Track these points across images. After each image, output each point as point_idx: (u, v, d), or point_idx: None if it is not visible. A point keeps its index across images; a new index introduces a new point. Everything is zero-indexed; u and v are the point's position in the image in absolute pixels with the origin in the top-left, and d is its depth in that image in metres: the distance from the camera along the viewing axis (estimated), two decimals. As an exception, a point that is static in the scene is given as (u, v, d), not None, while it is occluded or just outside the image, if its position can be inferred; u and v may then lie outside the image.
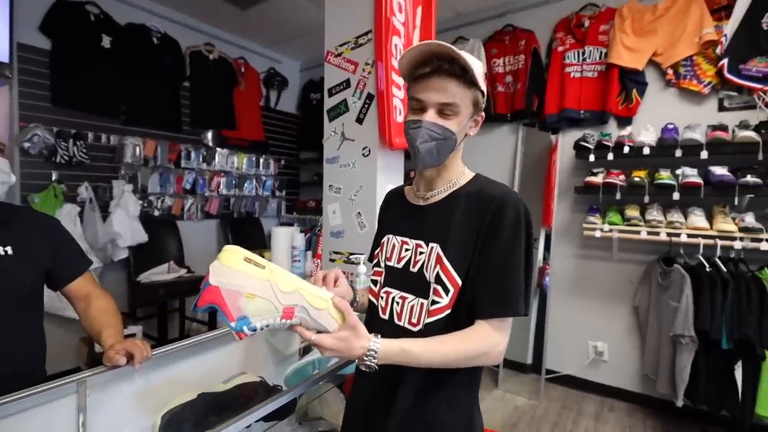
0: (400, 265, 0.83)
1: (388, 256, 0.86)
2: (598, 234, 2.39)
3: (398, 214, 0.90)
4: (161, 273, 2.91)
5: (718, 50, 2.23)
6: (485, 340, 0.71)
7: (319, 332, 0.68)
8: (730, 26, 2.20)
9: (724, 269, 2.04)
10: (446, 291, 0.74)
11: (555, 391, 2.73)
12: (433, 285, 0.76)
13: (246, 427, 1.07)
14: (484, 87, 0.76)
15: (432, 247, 0.77)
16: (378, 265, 0.89)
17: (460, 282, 0.74)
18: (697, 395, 2.07)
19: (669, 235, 2.19)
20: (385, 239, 0.89)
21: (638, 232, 2.27)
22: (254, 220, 3.95)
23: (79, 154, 2.69)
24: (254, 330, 0.66)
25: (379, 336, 0.68)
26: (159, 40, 3.14)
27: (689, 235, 2.14)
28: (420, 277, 0.78)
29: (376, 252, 0.92)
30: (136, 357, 0.95)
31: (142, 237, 2.88)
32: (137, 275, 2.85)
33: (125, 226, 2.78)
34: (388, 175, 1.57)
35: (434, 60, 0.73)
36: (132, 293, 2.90)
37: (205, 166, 3.46)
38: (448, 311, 0.74)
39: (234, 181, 3.73)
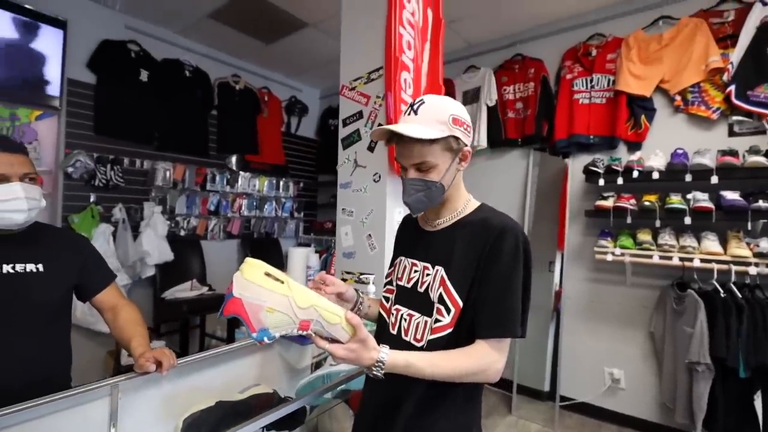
0: (410, 285, 0.90)
1: (399, 276, 0.94)
2: (609, 258, 2.41)
3: (410, 238, 0.99)
4: (184, 290, 3.07)
5: (725, 77, 2.27)
6: (484, 359, 0.77)
7: (333, 341, 0.74)
8: (737, 54, 2.25)
9: (739, 295, 2.02)
10: (448, 311, 0.81)
11: (570, 420, 2.68)
12: (436, 305, 0.83)
13: (259, 435, 1.15)
14: (456, 130, 0.82)
15: (437, 270, 0.85)
16: (390, 283, 0.97)
17: (461, 303, 0.81)
18: (716, 426, 2.01)
19: (682, 259, 2.19)
20: (398, 260, 0.98)
21: (650, 256, 2.28)
22: (273, 240, 4.10)
23: (115, 178, 2.91)
24: (273, 339, 0.74)
25: (387, 347, 0.74)
26: (191, 73, 3.40)
27: (702, 260, 2.13)
28: (426, 297, 0.86)
29: (390, 271, 1.01)
30: (164, 365, 1.04)
31: (169, 255, 3.05)
32: (162, 292, 3.01)
33: (153, 245, 2.96)
34: (397, 199, 1.67)
35: (391, 135, 0.84)
36: (157, 309, 3.05)
37: (228, 189, 3.66)
38: (450, 329, 0.81)
39: (255, 203, 3.91)
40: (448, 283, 0.82)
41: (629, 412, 2.55)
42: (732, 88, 2.24)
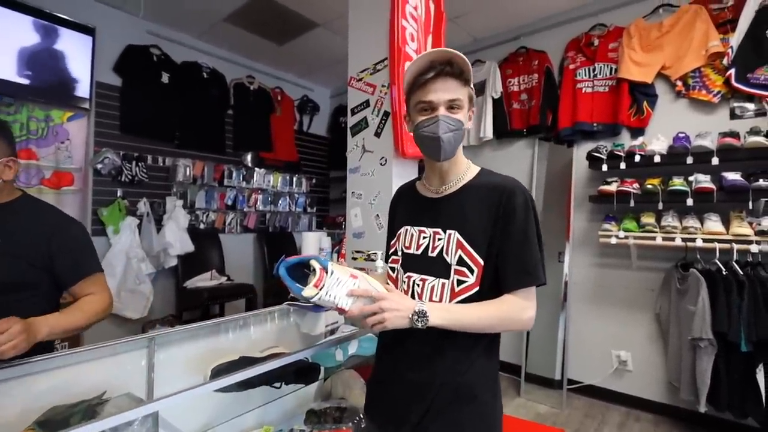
0: (419, 252, 0.92)
1: (407, 245, 0.95)
2: (613, 240, 2.47)
3: (413, 207, 1.00)
4: (205, 280, 3.24)
5: (725, 61, 2.33)
6: (514, 305, 0.84)
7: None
8: (736, 38, 2.30)
9: (741, 272, 2.07)
10: (471, 271, 0.86)
11: (578, 401, 2.74)
12: (455, 267, 0.87)
13: (277, 387, 1.29)
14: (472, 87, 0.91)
15: (450, 234, 0.88)
16: (395, 253, 0.99)
17: (482, 262, 0.85)
18: (720, 401, 2.06)
19: (684, 240, 2.24)
20: (402, 230, 0.98)
21: (654, 238, 2.34)
22: (287, 234, 4.26)
23: (140, 174, 3.11)
24: (326, 264, 0.82)
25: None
26: (208, 75, 3.59)
27: (705, 240, 2.18)
28: (440, 260, 0.88)
29: (392, 242, 1.02)
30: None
31: (190, 247, 3.23)
32: (184, 281, 3.19)
33: (176, 237, 3.14)
34: (402, 181, 1.77)
35: (436, 65, 0.85)
36: (179, 297, 3.23)
37: (244, 185, 3.84)
38: (477, 288, 0.85)
39: (270, 198, 4.08)
40: (466, 244, 0.86)
41: (636, 393, 2.60)
42: (732, 71, 2.30)
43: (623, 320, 2.67)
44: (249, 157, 3.92)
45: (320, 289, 0.79)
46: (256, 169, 3.94)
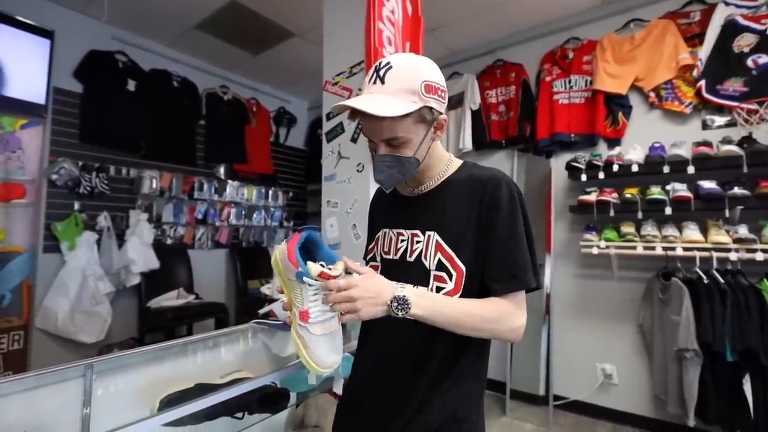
0: (397, 257, 0.84)
1: (386, 250, 0.87)
2: (595, 251, 2.43)
3: (391, 208, 0.92)
4: (170, 299, 3.02)
5: (695, 73, 2.37)
6: (503, 309, 0.74)
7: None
8: (704, 51, 2.35)
9: (722, 281, 2.05)
10: (450, 276, 0.76)
11: (565, 418, 2.64)
12: (434, 272, 0.78)
13: (239, 418, 1.13)
14: (430, 99, 0.74)
15: (429, 236, 0.79)
16: (374, 259, 0.90)
17: (462, 267, 0.76)
18: (708, 413, 2.01)
19: (665, 249, 2.22)
20: (380, 233, 0.90)
21: (634, 248, 2.31)
22: (262, 249, 4.07)
23: (100, 186, 2.90)
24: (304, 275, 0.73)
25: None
26: (179, 84, 3.44)
27: (685, 249, 2.17)
28: (417, 265, 0.80)
29: (370, 246, 0.94)
30: None
31: (154, 263, 3.01)
32: (147, 301, 2.95)
33: (139, 253, 2.92)
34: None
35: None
36: (141, 318, 2.99)
37: (216, 197, 3.65)
38: (459, 293, 0.76)
39: (244, 212, 3.90)
40: (445, 247, 0.77)
41: (623, 408, 2.52)
42: (702, 83, 2.34)
43: (607, 332, 2.61)
44: (222, 169, 3.75)
45: (327, 281, 0.71)
46: (230, 181, 3.77)
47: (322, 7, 2.03)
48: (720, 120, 2.35)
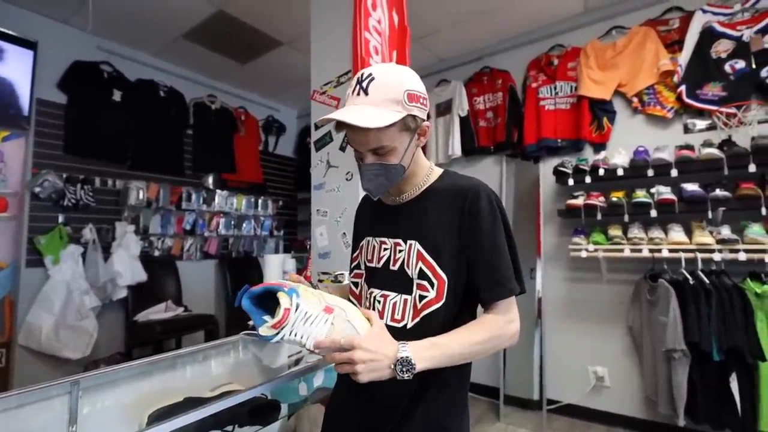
0: (380, 265, 0.85)
1: (369, 258, 0.89)
2: (584, 254, 2.47)
3: (374, 216, 0.94)
4: (159, 312, 2.98)
5: (676, 78, 2.44)
6: (498, 322, 0.76)
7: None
8: (684, 57, 2.43)
9: (707, 281, 2.10)
10: (431, 284, 0.78)
11: (559, 422, 2.66)
12: (416, 281, 0.79)
13: None
14: (413, 108, 0.77)
15: (411, 245, 0.81)
16: (358, 267, 0.92)
17: (443, 275, 0.77)
18: (698, 413, 2.04)
19: (651, 251, 2.27)
20: (364, 242, 0.92)
21: (622, 250, 2.35)
22: (252, 259, 4.05)
23: (85, 198, 2.86)
24: (297, 306, 0.67)
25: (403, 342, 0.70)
26: (165, 93, 3.43)
27: (670, 250, 2.21)
28: (401, 274, 0.81)
29: (355, 255, 0.95)
30: None
31: (142, 276, 2.97)
32: (135, 314, 2.91)
33: (126, 266, 2.88)
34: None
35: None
36: (128, 332, 2.94)
37: (205, 208, 3.63)
38: (441, 302, 0.77)
39: (233, 222, 3.87)
40: (426, 256, 0.79)
41: (616, 410, 2.55)
42: (683, 88, 2.41)
43: (598, 335, 2.64)
44: (210, 178, 3.74)
45: (281, 329, 0.66)
46: (218, 191, 3.75)
47: (309, 17, 2.05)
48: (701, 124, 2.42)
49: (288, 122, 4.62)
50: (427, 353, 0.69)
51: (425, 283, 0.78)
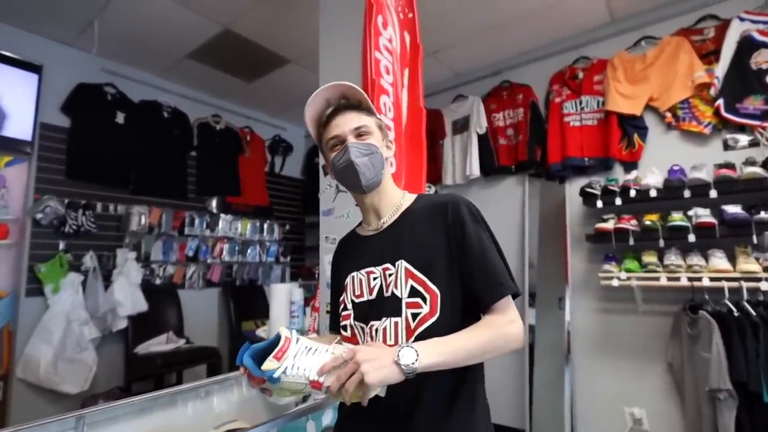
0: (373, 296, 0.91)
1: (357, 293, 0.94)
2: (615, 283, 2.49)
3: (355, 252, 1.01)
4: (159, 344, 3.10)
5: (713, 91, 2.49)
6: (500, 322, 0.82)
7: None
8: (721, 68, 2.48)
9: (754, 313, 2.09)
10: (424, 300, 0.84)
11: (594, 471, 2.62)
12: (406, 300, 0.85)
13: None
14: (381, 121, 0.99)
15: (399, 264, 0.87)
16: (345, 308, 0.96)
17: (436, 290, 0.84)
18: (749, 462, 2.00)
19: (690, 279, 2.27)
20: (348, 280, 0.97)
21: (657, 278, 2.36)
22: (258, 287, 4.16)
23: (87, 224, 3.04)
24: (297, 339, 0.76)
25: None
26: (169, 114, 3.65)
27: (712, 279, 2.21)
28: (392, 299, 0.87)
29: (341, 299, 0.99)
30: None
31: (143, 306, 3.11)
32: (135, 346, 3.03)
33: (126, 295, 3.02)
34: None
35: (332, 101, 0.95)
36: (128, 365, 3.06)
37: (208, 233, 3.78)
38: (436, 316, 0.83)
39: (237, 248, 4.02)
40: (415, 272, 0.86)
41: (658, 458, 2.51)
42: (720, 101, 2.45)
43: (634, 372, 2.62)
44: (214, 202, 3.91)
45: (283, 361, 0.72)
46: (222, 215, 3.91)
47: (317, 34, 2.20)
48: (744, 140, 2.44)
49: (295, 141, 4.81)
50: (431, 349, 0.73)
51: (417, 300, 0.84)
